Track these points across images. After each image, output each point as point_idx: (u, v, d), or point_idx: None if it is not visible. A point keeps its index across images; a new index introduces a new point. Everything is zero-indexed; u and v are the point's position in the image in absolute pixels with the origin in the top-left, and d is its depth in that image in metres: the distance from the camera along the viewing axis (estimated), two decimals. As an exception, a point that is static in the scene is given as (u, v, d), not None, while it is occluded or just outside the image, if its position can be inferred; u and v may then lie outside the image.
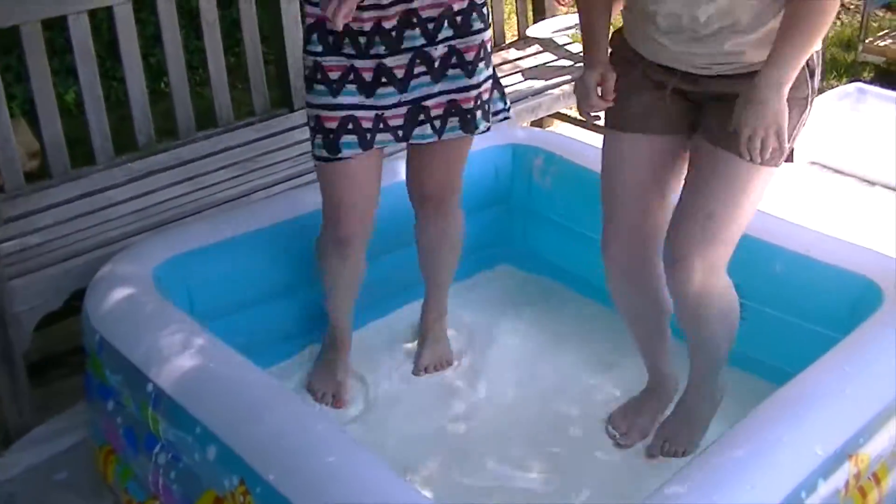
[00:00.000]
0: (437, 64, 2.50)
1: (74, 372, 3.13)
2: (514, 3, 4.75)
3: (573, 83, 2.58)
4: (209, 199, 3.26)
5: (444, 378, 2.98)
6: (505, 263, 3.50)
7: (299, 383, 2.89)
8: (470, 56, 2.53)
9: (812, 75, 2.28)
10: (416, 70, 2.50)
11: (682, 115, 2.41)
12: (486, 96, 2.60)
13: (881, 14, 6.41)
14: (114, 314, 2.50)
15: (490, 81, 2.62)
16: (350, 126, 2.48)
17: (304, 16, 2.57)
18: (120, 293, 2.56)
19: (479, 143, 3.35)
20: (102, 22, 4.09)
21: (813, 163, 4.44)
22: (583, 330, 3.14)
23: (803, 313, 2.70)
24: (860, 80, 4.92)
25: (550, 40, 4.66)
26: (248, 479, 2.02)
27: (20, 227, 3.08)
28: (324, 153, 2.51)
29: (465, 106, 2.56)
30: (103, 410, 2.54)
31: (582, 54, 2.48)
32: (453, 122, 2.57)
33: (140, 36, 3.55)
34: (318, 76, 2.47)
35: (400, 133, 2.55)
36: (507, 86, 4.13)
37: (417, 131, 2.56)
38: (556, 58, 4.55)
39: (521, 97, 4.10)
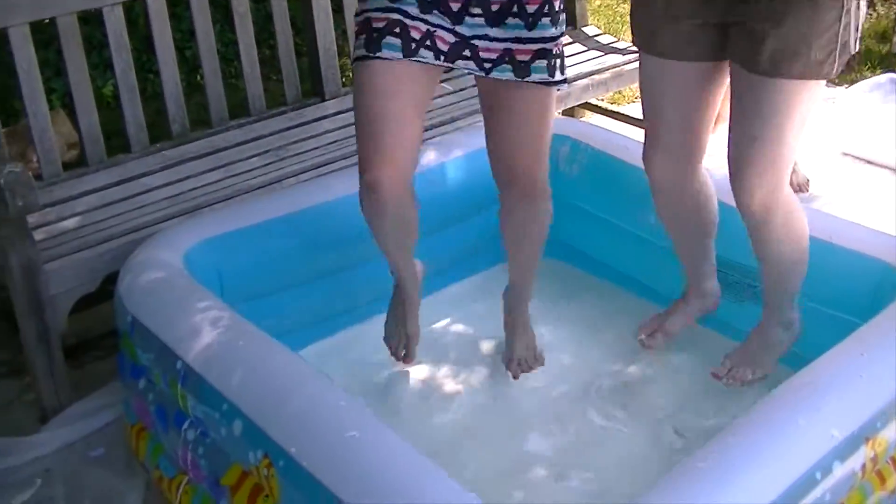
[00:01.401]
0: (494, 8, 2.39)
1: (108, 354, 3.21)
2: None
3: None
4: (241, 185, 3.31)
5: (472, 364, 3.00)
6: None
7: (324, 365, 2.92)
8: (532, 7, 2.41)
9: None
10: (473, 10, 2.39)
11: (717, 37, 2.41)
12: (555, 51, 2.46)
13: (918, 5, 6.38)
14: (145, 295, 2.57)
15: (556, 42, 2.47)
16: (397, 29, 2.35)
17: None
18: (152, 276, 2.62)
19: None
20: (139, 17, 4.16)
21: (845, 153, 4.43)
22: (610, 316, 3.16)
23: (826, 299, 2.71)
24: (894, 72, 4.90)
25: (581, 32, 4.69)
26: (272, 453, 2.07)
27: (57, 212, 3.15)
28: (362, 52, 2.36)
29: (519, 58, 2.44)
30: (135, 389, 2.61)
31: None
32: (505, 66, 2.45)
33: (176, 30, 3.62)
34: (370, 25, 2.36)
35: (443, 56, 2.41)
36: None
37: (462, 63, 2.44)
38: (585, 48, 4.57)
39: (551, 86, 4.12)
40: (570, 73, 4.18)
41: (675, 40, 2.45)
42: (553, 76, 2.47)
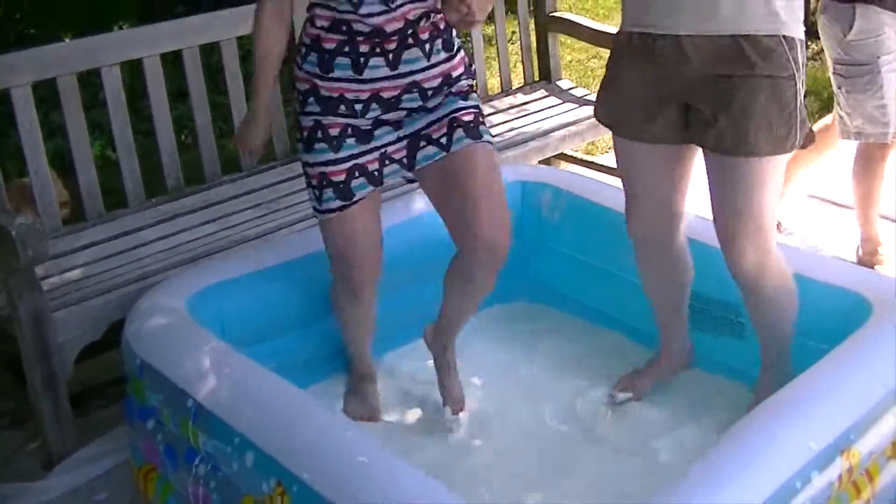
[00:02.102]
0: (430, 94, 2.61)
1: (111, 402, 3.34)
2: (520, 52, 4.96)
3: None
4: (236, 236, 3.44)
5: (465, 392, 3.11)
6: (517, 295, 3.63)
7: (328, 403, 3.03)
8: (464, 87, 2.67)
9: (792, 47, 2.45)
10: (414, 114, 2.64)
11: (684, 124, 2.60)
12: (480, 118, 2.68)
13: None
14: (153, 339, 2.68)
15: (478, 109, 2.70)
16: (357, 173, 2.62)
17: (292, 83, 2.66)
18: (158, 321, 2.74)
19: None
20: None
21: (811, 196, 4.61)
22: (594, 355, 3.29)
23: (799, 329, 2.85)
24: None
25: (555, 86, 4.89)
26: (285, 481, 2.18)
27: (59, 264, 3.26)
28: (337, 203, 2.62)
29: (466, 119, 2.64)
30: (143, 431, 2.71)
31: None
32: (459, 133, 2.62)
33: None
34: (319, 135, 2.59)
35: (405, 161, 2.66)
36: (515, 128, 4.38)
37: (422, 154, 2.64)
38: (561, 101, 4.75)
39: (529, 137, 4.30)
40: (547, 125, 4.44)
41: (638, 123, 2.64)
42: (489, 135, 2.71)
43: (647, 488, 2.46)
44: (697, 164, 2.71)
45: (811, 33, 6.89)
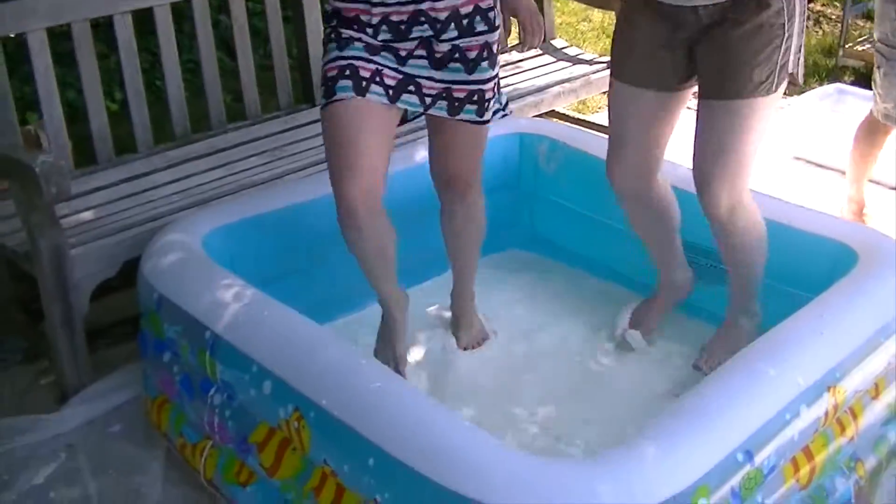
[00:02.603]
0: (438, 55, 2.66)
1: (119, 341, 3.44)
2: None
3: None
4: (243, 181, 3.54)
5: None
6: (513, 244, 3.78)
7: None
8: (472, 54, 2.68)
9: (790, 3, 2.58)
10: (417, 53, 2.66)
11: (679, 70, 2.75)
12: (487, 95, 2.74)
13: (860, 23, 6.74)
14: (171, 274, 2.79)
15: (492, 82, 2.76)
16: (347, 73, 2.60)
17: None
18: (174, 257, 2.84)
19: (488, 132, 3.68)
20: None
21: (797, 158, 4.74)
22: (584, 301, 3.44)
23: (786, 278, 2.99)
24: (841, 83, 5.23)
25: (549, 44, 4.99)
26: (303, 407, 2.30)
27: (73, 205, 3.35)
28: (322, 100, 2.64)
29: (456, 95, 2.71)
30: (159, 363, 2.82)
31: None
32: (441, 104, 2.72)
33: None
34: (332, 36, 2.65)
35: (391, 92, 2.66)
36: (511, 84, 4.48)
37: (405, 97, 2.68)
38: (555, 59, 4.86)
39: (525, 93, 4.41)
40: (542, 81, 4.54)
41: (642, 71, 2.78)
42: (482, 116, 2.76)
43: (639, 418, 2.61)
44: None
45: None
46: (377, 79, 2.64)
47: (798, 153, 4.74)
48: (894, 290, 2.66)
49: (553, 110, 4.74)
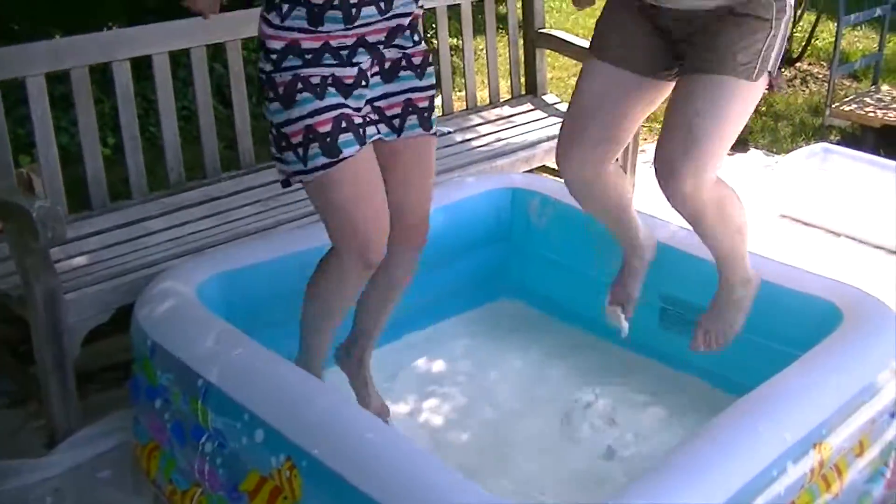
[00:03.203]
0: (387, 65, 2.64)
1: (108, 387, 3.46)
2: (509, 66, 5.12)
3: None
4: (237, 230, 3.58)
5: (453, 393, 3.30)
6: (505, 296, 3.82)
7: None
8: (418, 60, 2.68)
9: (780, 8, 2.57)
10: (373, 70, 2.61)
11: (662, 60, 2.70)
12: (434, 103, 2.73)
13: (847, 83, 6.85)
14: (164, 322, 2.81)
15: (433, 90, 2.73)
16: (344, 125, 2.50)
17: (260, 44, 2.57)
18: (168, 304, 2.86)
19: (482, 186, 3.74)
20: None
21: (783, 216, 4.81)
22: (572, 353, 3.48)
23: (774, 335, 3.03)
24: (828, 142, 5.32)
25: (541, 100, 5.06)
26: (295, 456, 2.32)
27: (66, 250, 3.37)
28: (323, 160, 2.50)
29: (421, 105, 2.69)
30: (150, 409, 2.83)
31: None
32: (412, 119, 2.68)
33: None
34: (299, 86, 2.48)
35: (396, 122, 2.65)
36: (503, 139, 4.54)
37: (379, 128, 2.64)
38: (546, 115, 4.92)
39: (517, 148, 4.47)
40: (532, 137, 4.59)
41: (625, 52, 2.72)
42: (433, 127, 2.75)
43: (626, 476, 2.64)
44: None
45: (787, 60, 7.13)
46: (365, 119, 2.61)
47: (785, 211, 4.81)
48: (879, 349, 2.71)
49: (544, 165, 4.79)
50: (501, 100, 5.05)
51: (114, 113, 3.79)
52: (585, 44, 5.00)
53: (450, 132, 4.60)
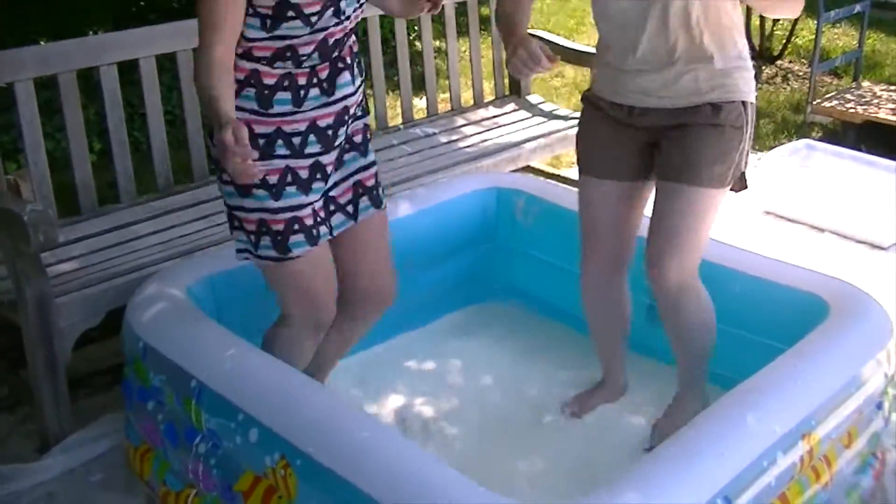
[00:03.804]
0: (357, 139, 2.73)
1: (98, 391, 3.47)
2: (492, 67, 5.15)
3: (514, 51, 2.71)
4: (225, 233, 3.55)
5: (443, 392, 3.33)
6: (491, 297, 3.85)
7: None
8: (359, 138, 2.75)
9: (745, 107, 2.76)
10: (333, 166, 2.67)
11: (644, 160, 2.87)
12: (377, 178, 2.81)
13: (828, 80, 6.90)
14: (156, 323, 2.82)
15: (376, 165, 2.82)
16: (296, 227, 2.59)
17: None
18: (160, 307, 2.88)
19: (467, 186, 3.76)
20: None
21: (767, 212, 4.84)
22: (559, 352, 3.51)
23: (759, 329, 3.07)
24: (810, 139, 5.36)
25: (525, 100, 5.09)
26: (289, 454, 2.33)
27: (56, 254, 3.39)
28: (272, 253, 2.60)
29: (367, 184, 2.77)
30: (143, 411, 2.84)
31: (504, 37, 2.76)
32: (364, 201, 2.77)
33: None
34: (256, 181, 2.47)
35: (350, 208, 2.74)
36: (489, 140, 4.56)
37: (334, 221, 2.72)
38: (531, 115, 4.95)
39: (502, 148, 4.50)
40: (517, 137, 4.62)
41: (605, 163, 2.90)
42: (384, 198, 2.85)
43: (612, 467, 2.66)
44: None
45: (768, 58, 7.22)
46: (318, 219, 2.66)
47: (768, 207, 4.85)
48: (865, 341, 2.74)
49: (528, 165, 4.82)
50: (486, 100, 5.08)
51: (98, 118, 3.80)
52: (571, 44, 5.09)
53: (434, 133, 4.63)
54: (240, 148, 2.22)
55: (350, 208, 2.76)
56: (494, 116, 4.93)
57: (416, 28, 5.31)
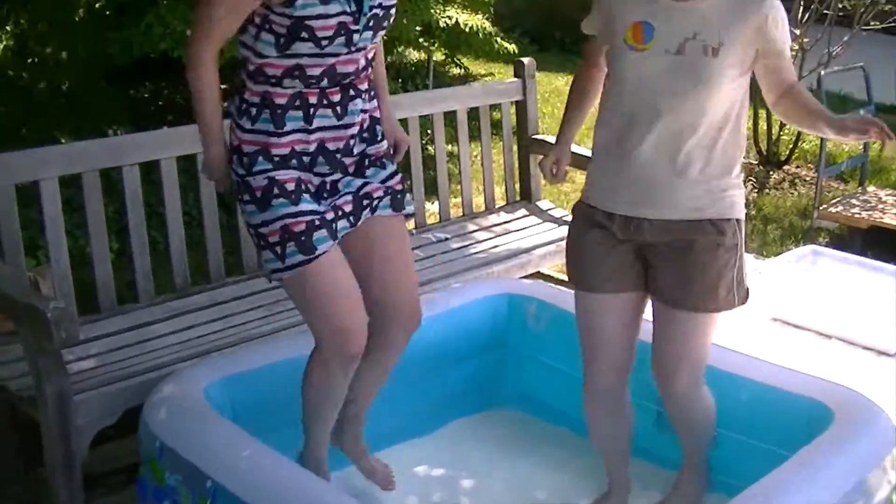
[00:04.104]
0: (351, 169, 2.86)
1: (112, 491, 3.49)
2: (504, 173, 5.26)
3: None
4: (242, 334, 3.66)
5: (452, 498, 3.35)
6: (501, 403, 3.87)
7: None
8: (380, 156, 2.93)
9: (739, 225, 2.84)
10: (339, 182, 2.85)
11: (639, 274, 2.93)
12: (404, 185, 2.96)
13: (834, 185, 7.01)
14: (172, 423, 2.88)
15: (399, 175, 2.96)
16: (317, 223, 2.72)
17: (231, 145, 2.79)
18: (177, 406, 2.95)
19: (478, 292, 3.81)
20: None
21: (775, 319, 4.89)
22: (568, 459, 3.53)
23: (764, 436, 3.11)
24: (816, 244, 5.44)
25: (535, 206, 5.17)
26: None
27: (75, 352, 3.44)
28: (299, 257, 2.69)
29: (397, 188, 2.93)
30: (158, 511, 2.89)
31: (557, 137, 3.04)
32: (385, 201, 2.91)
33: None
34: (275, 191, 2.70)
35: (352, 218, 2.85)
36: (500, 245, 4.64)
37: (352, 219, 2.86)
38: (541, 221, 5.04)
39: (513, 254, 4.58)
40: (528, 243, 4.69)
41: (603, 278, 2.94)
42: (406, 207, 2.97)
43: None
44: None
45: (776, 163, 7.30)
46: (339, 213, 2.81)
47: (775, 314, 4.88)
48: (870, 448, 2.78)
49: (539, 271, 4.89)
50: (497, 206, 5.17)
51: (116, 216, 3.88)
52: (579, 149, 5.16)
53: (446, 238, 4.72)
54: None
55: (375, 202, 2.89)
56: (505, 222, 5.02)
57: (429, 132, 5.42)
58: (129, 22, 5.39)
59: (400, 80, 6.87)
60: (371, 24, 2.74)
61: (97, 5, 6.33)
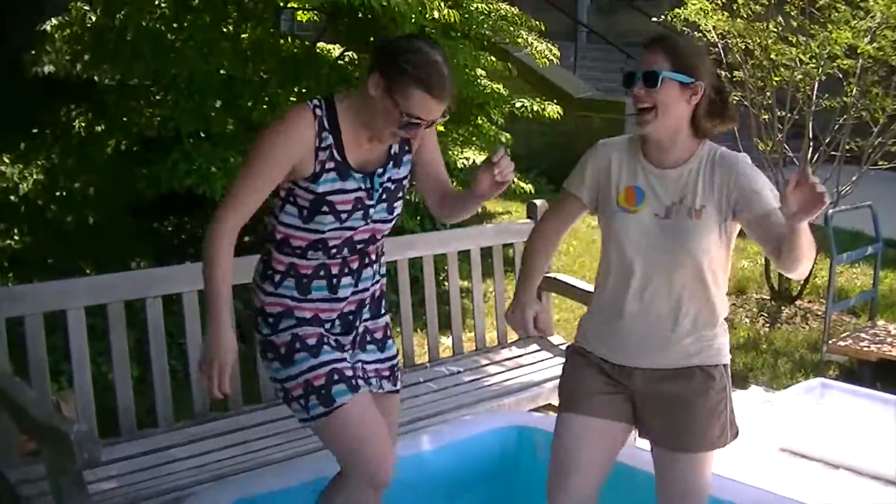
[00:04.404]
0: (357, 339, 3.04)
1: None
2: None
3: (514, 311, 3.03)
4: (259, 459, 3.74)
5: None
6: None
7: None
8: (379, 335, 3.11)
9: (726, 370, 2.97)
10: (350, 344, 3.04)
11: (629, 409, 3.02)
12: (396, 368, 3.13)
13: (846, 319, 7.08)
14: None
15: (395, 359, 3.14)
16: (336, 377, 2.86)
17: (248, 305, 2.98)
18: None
19: (488, 424, 3.87)
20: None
21: (783, 449, 4.94)
22: None
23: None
24: (826, 378, 5.51)
25: (547, 341, 5.25)
26: None
27: (96, 473, 3.51)
28: (321, 409, 2.85)
29: (384, 374, 3.09)
30: None
31: (517, 293, 3.05)
32: (386, 383, 3.09)
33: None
34: (297, 346, 2.88)
35: (364, 381, 2.99)
36: (510, 378, 4.74)
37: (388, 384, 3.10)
38: (552, 355, 5.11)
39: (524, 387, 4.67)
40: (538, 377, 4.78)
41: (594, 402, 3.01)
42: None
43: None
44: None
45: (787, 299, 7.37)
46: (359, 372, 2.98)
47: (784, 445, 4.95)
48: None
49: (549, 403, 4.94)
50: (509, 341, 5.26)
51: (137, 346, 4.00)
52: (590, 287, 5.27)
53: (459, 371, 4.81)
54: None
55: (386, 382, 3.10)
56: (517, 356, 5.09)
57: (444, 269, 5.57)
58: (155, 158, 5.60)
59: (419, 218, 7.02)
60: (384, 196, 2.96)
61: (124, 143, 6.55)
